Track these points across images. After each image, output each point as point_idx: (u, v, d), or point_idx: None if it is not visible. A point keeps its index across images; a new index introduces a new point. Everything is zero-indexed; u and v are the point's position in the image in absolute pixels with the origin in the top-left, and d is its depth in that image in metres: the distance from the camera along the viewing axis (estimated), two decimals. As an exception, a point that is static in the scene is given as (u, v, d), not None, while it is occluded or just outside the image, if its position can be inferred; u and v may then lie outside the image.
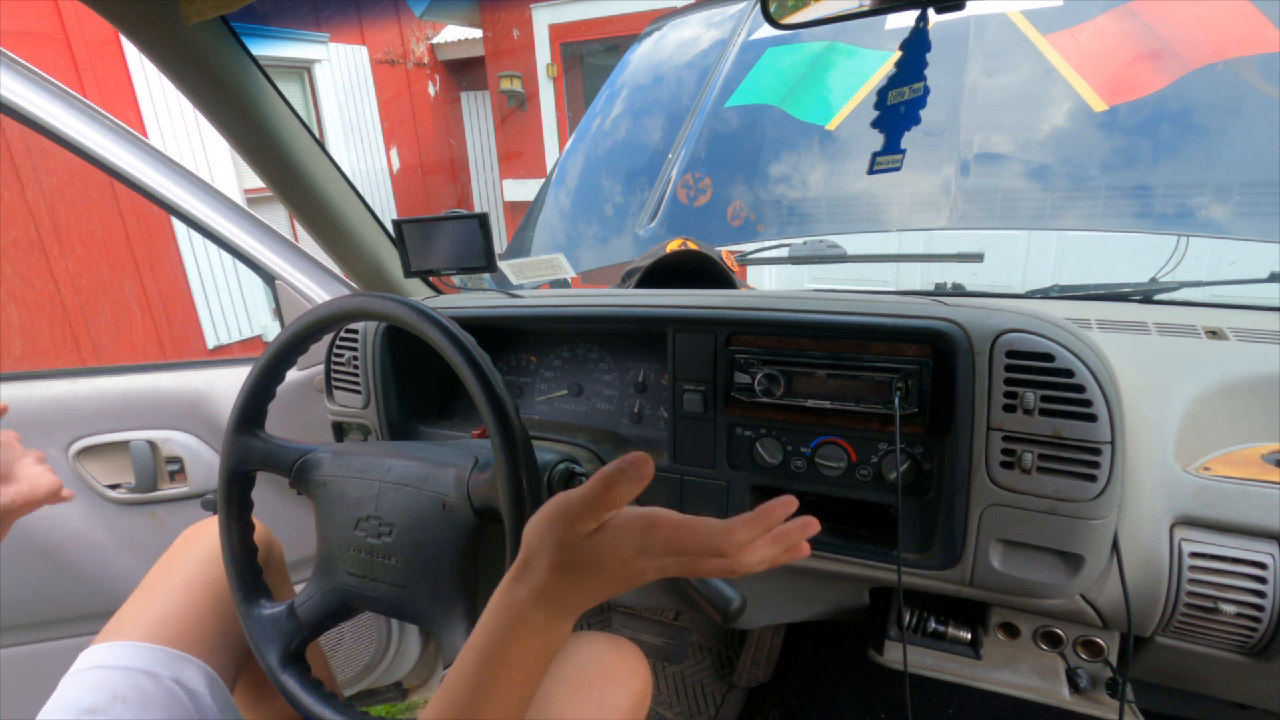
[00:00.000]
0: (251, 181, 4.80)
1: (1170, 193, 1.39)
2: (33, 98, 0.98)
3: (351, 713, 0.68)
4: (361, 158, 6.64)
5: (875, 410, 0.73)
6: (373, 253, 1.17)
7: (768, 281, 2.06)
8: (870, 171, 0.83)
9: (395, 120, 6.99)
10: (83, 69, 3.85)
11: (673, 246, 1.36)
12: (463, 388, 0.99)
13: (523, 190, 7.15)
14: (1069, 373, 0.65)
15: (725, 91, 1.89)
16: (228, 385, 1.22)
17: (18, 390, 1.15)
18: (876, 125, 0.82)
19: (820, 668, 1.53)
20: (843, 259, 1.52)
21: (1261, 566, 0.65)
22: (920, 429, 0.73)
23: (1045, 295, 1.18)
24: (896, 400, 0.71)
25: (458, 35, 7.40)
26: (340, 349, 1.07)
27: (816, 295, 0.84)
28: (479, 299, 1.08)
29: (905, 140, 0.86)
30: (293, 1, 5.89)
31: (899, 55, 0.80)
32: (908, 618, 0.87)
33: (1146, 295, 1.12)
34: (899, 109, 0.80)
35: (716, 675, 1.53)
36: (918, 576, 0.75)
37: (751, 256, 1.60)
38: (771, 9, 0.84)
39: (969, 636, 0.84)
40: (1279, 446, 0.73)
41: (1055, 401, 0.65)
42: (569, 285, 1.43)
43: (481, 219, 0.94)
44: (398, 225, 0.97)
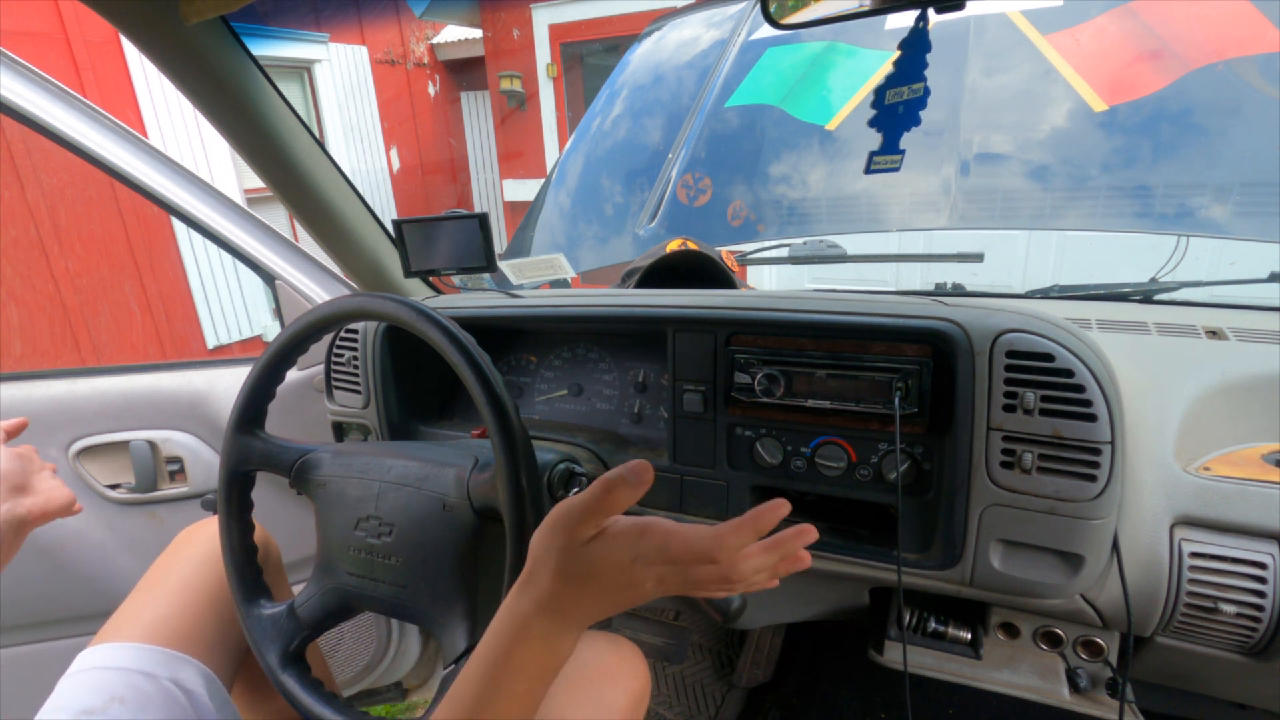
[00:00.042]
0: (251, 181, 4.80)
1: (1170, 193, 1.39)
2: (33, 98, 0.98)
3: (351, 713, 0.68)
4: (361, 158, 6.64)
5: (875, 410, 0.73)
6: (373, 253, 1.17)
7: (768, 281, 2.06)
8: (868, 171, 0.83)
9: (395, 120, 6.99)
10: (83, 69, 3.85)
11: (673, 246, 1.36)
12: (463, 388, 0.99)
13: (523, 190, 7.15)
14: (1069, 373, 0.65)
15: (725, 91, 1.89)
16: (228, 385, 1.22)
17: (18, 390, 1.15)
18: (874, 124, 0.82)
19: (820, 668, 1.53)
20: (843, 259, 1.52)
21: (1261, 566, 0.65)
22: (920, 429, 0.73)
23: (1045, 295, 1.18)
24: (896, 400, 0.71)
25: (458, 35, 7.40)
26: (340, 349, 1.07)
27: (816, 295, 0.84)
28: (479, 299, 1.08)
29: (905, 140, 0.86)
30: (293, 1, 5.88)
31: (898, 55, 0.80)
32: (908, 618, 0.87)
33: (1146, 295, 1.12)
34: (897, 109, 0.80)
35: (716, 675, 1.53)
36: (918, 576, 0.75)
37: (751, 256, 1.60)
38: (771, 9, 0.84)
39: (969, 636, 0.84)
40: (1279, 446, 0.73)
41: (1055, 401, 0.65)
42: (569, 285, 1.43)
43: (481, 219, 0.94)
44: (398, 225, 0.97)
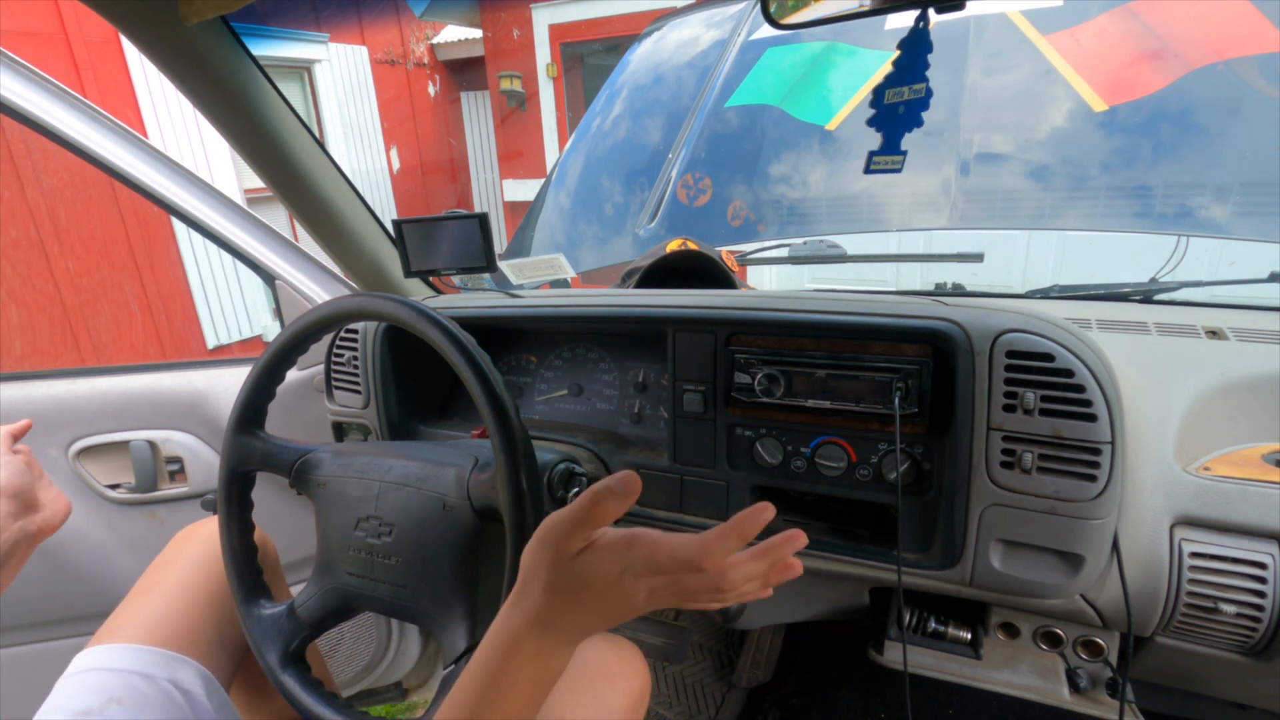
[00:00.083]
0: (251, 181, 4.80)
1: (1170, 193, 1.39)
2: (33, 98, 0.98)
3: (351, 713, 0.68)
4: (361, 158, 6.64)
5: (875, 410, 0.73)
6: (373, 253, 1.17)
7: (768, 281, 2.06)
8: (867, 171, 0.83)
9: (395, 120, 6.99)
10: (83, 69, 3.85)
11: (673, 246, 1.36)
12: (463, 388, 0.99)
13: (523, 190, 7.15)
14: (1069, 373, 0.65)
15: (725, 91, 1.89)
16: (228, 385, 1.22)
17: (18, 390, 1.15)
18: (873, 124, 0.82)
19: (820, 668, 1.53)
20: (843, 259, 1.52)
21: (1261, 566, 0.65)
22: (920, 429, 0.73)
23: (1045, 295, 1.18)
24: (896, 400, 0.71)
25: (458, 35, 7.40)
26: (340, 349, 1.07)
27: (816, 295, 0.84)
28: (479, 299, 1.08)
29: (905, 141, 0.86)
30: (293, 1, 5.88)
31: (897, 55, 0.80)
32: (908, 618, 0.87)
33: (1146, 295, 1.12)
34: (898, 109, 0.80)
35: (716, 675, 1.53)
36: (918, 576, 0.75)
37: (751, 256, 1.60)
38: (771, 9, 0.84)
39: (969, 636, 0.84)
40: (1279, 446, 0.73)
41: (1055, 401, 0.65)
42: (569, 285, 1.43)
43: (481, 219, 0.94)
44: (398, 225, 0.97)
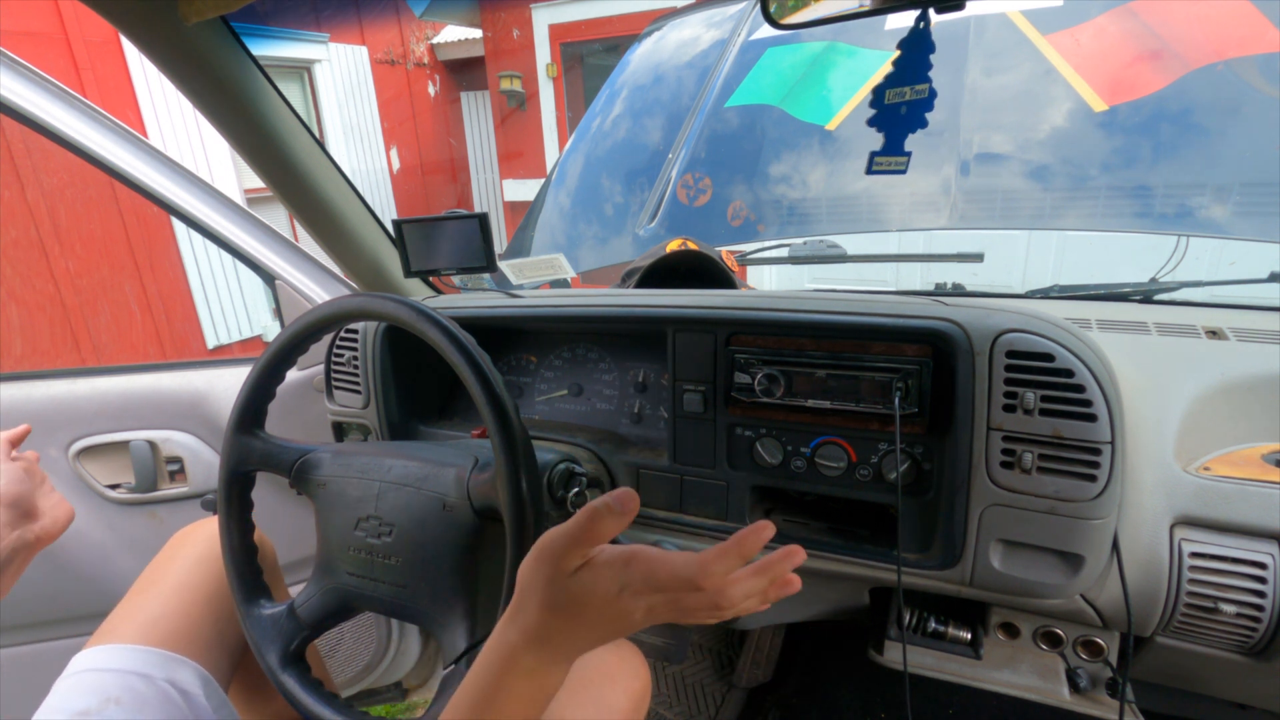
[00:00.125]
0: (251, 181, 4.80)
1: (1170, 193, 1.39)
2: (33, 98, 0.98)
3: (351, 713, 0.68)
4: (361, 158, 6.64)
5: (875, 410, 0.73)
6: (373, 253, 1.17)
7: (768, 281, 2.06)
8: (869, 172, 0.82)
9: (395, 120, 6.99)
10: (83, 69, 3.85)
11: (673, 246, 1.36)
12: (463, 388, 0.99)
13: (523, 190, 7.15)
14: (1069, 373, 0.65)
15: (725, 91, 1.89)
16: (228, 385, 1.22)
17: (18, 390, 1.15)
18: (874, 125, 0.82)
19: (820, 668, 1.53)
20: (843, 259, 1.52)
21: (1261, 566, 0.65)
22: (920, 429, 0.73)
23: (1045, 295, 1.18)
24: (896, 400, 0.71)
25: (458, 35, 7.40)
26: (340, 349, 1.07)
27: (816, 295, 0.84)
28: (479, 299, 1.08)
29: (905, 141, 0.86)
30: (293, 1, 5.88)
31: (897, 55, 0.80)
32: (908, 618, 0.87)
33: (1146, 295, 1.12)
34: (899, 109, 0.79)
35: (716, 675, 1.53)
36: (918, 576, 0.75)
37: (751, 256, 1.60)
38: (771, 9, 0.84)
39: (969, 636, 0.84)
40: (1279, 446, 0.73)
41: (1055, 401, 0.65)
42: (569, 285, 1.43)
43: (481, 219, 0.94)
44: (398, 225, 0.97)
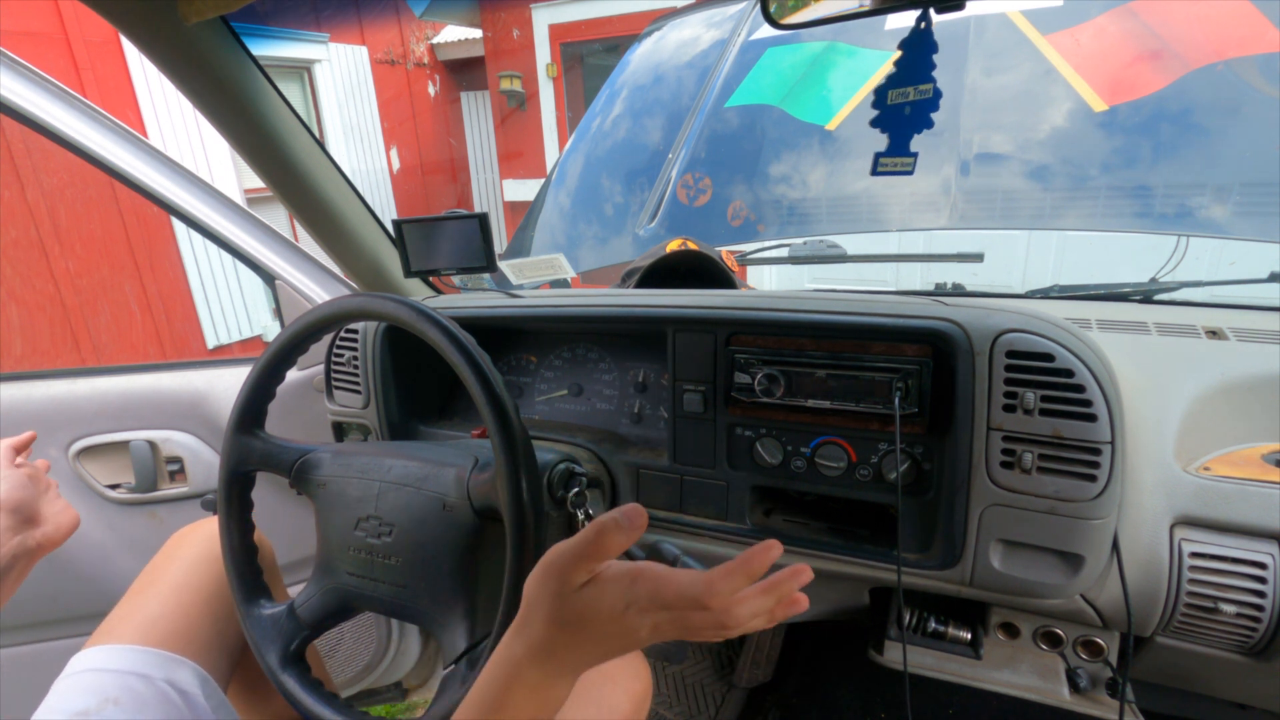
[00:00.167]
0: (251, 181, 4.80)
1: (1170, 193, 1.39)
2: (33, 98, 0.98)
3: (351, 713, 0.68)
4: (361, 158, 6.64)
5: (875, 410, 0.73)
6: (373, 253, 1.17)
7: (768, 281, 2.06)
8: (875, 173, 0.82)
9: (395, 120, 6.99)
10: (83, 69, 3.85)
11: (673, 246, 1.36)
12: (463, 388, 0.99)
13: (523, 190, 7.15)
14: (1069, 373, 0.65)
15: (725, 91, 1.89)
16: (228, 385, 1.22)
17: (18, 390, 1.15)
18: (878, 125, 0.82)
19: (820, 668, 1.53)
20: (843, 259, 1.52)
21: (1261, 566, 0.65)
22: (920, 429, 0.73)
23: (1045, 295, 1.18)
24: (896, 400, 0.71)
25: (458, 35, 7.40)
26: (340, 349, 1.07)
27: (816, 295, 0.84)
28: (479, 299, 1.08)
29: (910, 142, 0.85)
30: (293, 1, 5.88)
31: (898, 55, 0.80)
32: (908, 618, 0.87)
33: (1146, 295, 1.12)
34: (903, 109, 0.79)
35: (716, 675, 1.53)
36: (918, 576, 0.75)
37: (751, 256, 1.60)
38: (771, 9, 0.83)
39: (969, 636, 0.84)
40: (1279, 446, 0.73)
41: (1055, 401, 0.65)
42: (569, 285, 1.43)
43: (481, 219, 0.94)
44: (398, 225, 0.97)
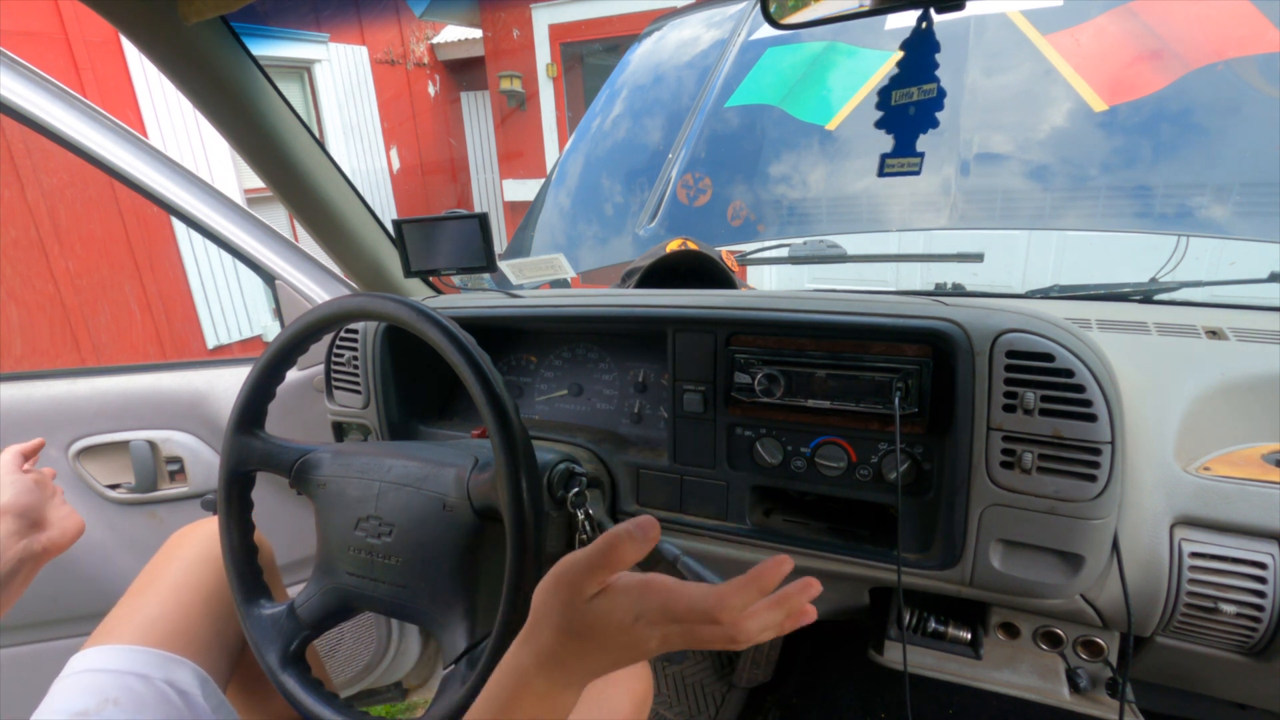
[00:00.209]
0: (251, 181, 4.80)
1: (1170, 193, 1.39)
2: (33, 98, 0.98)
3: (351, 713, 0.68)
4: (361, 158, 6.64)
5: (875, 410, 0.73)
6: (373, 253, 1.17)
7: (768, 281, 2.06)
8: (881, 174, 0.81)
9: (395, 120, 6.99)
10: (83, 69, 3.85)
11: (673, 246, 1.36)
12: (463, 388, 0.99)
13: (523, 190, 7.15)
14: (1069, 373, 0.65)
15: (725, 91, 1.89)
16: (228, 385, 1.22)
17: (18, 390, 1.15)
18: (883, 126, 0.81)
19: (820, 668, 1.53)
20: (843, 259, 1.52)
21: (1261, 566, 0.65)
22: (920, 429, 0.73)
23: (1045, 295, 1.18)
24: (896, 400, 0.71)
25: (458, 35, 7.40)
26: (340, 349, 1.07)
27: (816, 295, 0.84)
28: (479, 299, 1.08)
29: (916, 142, 0.85)
30: (293, 1, 5.89)
31: (901, 56, 0.79)
32: (908, 618, 0.87)
33: (1146, 295, 1.12)
34: (908, 110, 0.79)
35: (716, 675, 1.53)
36: (918, 576, 0.75)
37: (751, 256, 1.60)
38: (771, 9, 0.83)
39: (969, 636, 0.84)
40: (1279, 446, 0.73)
41: (1055, 401, 0.65)
42: (569, 285, 1.43)
43: (481, 219, 0.94)
44: (398, 225, 0.97)
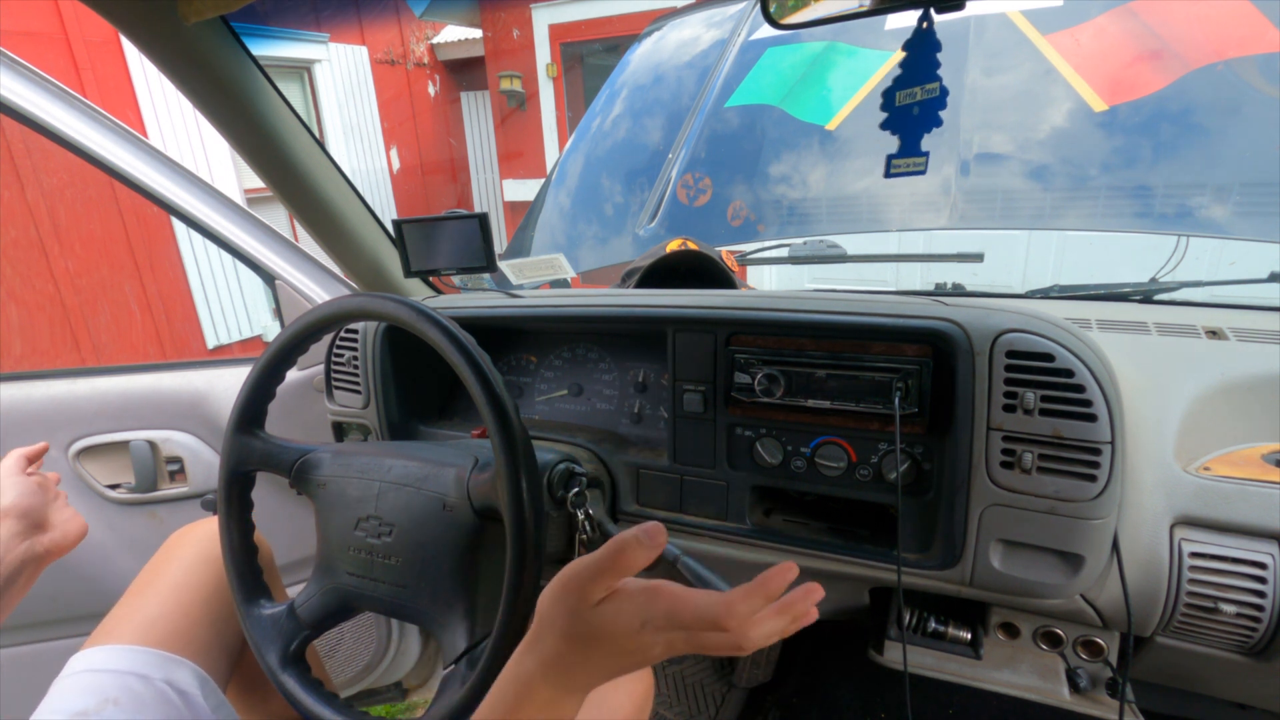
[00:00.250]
0: (251, 181, 4.80)
1: (1170, 193, 1.39)
2: (33, 98, 0.98)
3: (351, 713, 0.68)
4: (361, 158, 6.64)
5: (875, 410, 0.73)
6: (373, 253, 1.17)
7: (768, 281, 2.06)
8: (887, 174, 0.81)
9: (395, 120, 6.99)
10: (83, 69, 3.85)
11: (673, 246, 1.36)
12: (463, 388, 0.99)
13: (523, 190, 7.15)
14: (1069, 373, 0.65)
15: (725, 91, 1.89)
16: (228, 385, 1.22)
17: (18, 390, 1.15)
18: (887, 127, 0.81)
19: (820, 668, 1.53)
20: (843, 259, 1.52)
21: (1261, 566, 0.65)
22: (920, 429, 0.73)
23: (1045, 295, 1.18)
24: (896, 400, 0.71)
25: (458, 35, 7.40)
26: (340, 349, 1.07)
27: (816, 295, 0.84)
28: (479, 299, 1.08)
29: (921, 141, 0.85)
30: (293, 1, 5.89)
31: (903, 56, 0.79)
32: (908, 618, 0.87)
33: (1146, 295, 1.12)
34: (912, 109, 0.79)
35: (716, 675, 1.53)
36: (918, 576, 0.75)
37: (751, 256, 1.60)
38: (771, 9, 0.83)
39: (969, 636, 0.84)
40: (1279, 446, 0.73)
41: (1055, 401, 0.65)
42: (569, 285, 1.43)
43: (481, 219, 0.94)
44: (398, 225, 0.97)
